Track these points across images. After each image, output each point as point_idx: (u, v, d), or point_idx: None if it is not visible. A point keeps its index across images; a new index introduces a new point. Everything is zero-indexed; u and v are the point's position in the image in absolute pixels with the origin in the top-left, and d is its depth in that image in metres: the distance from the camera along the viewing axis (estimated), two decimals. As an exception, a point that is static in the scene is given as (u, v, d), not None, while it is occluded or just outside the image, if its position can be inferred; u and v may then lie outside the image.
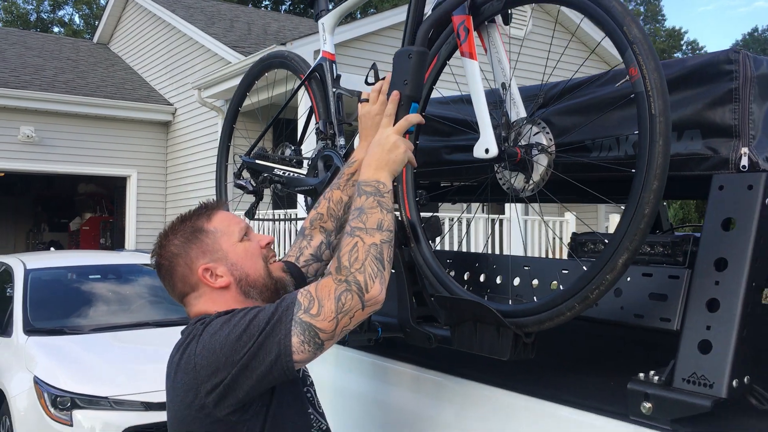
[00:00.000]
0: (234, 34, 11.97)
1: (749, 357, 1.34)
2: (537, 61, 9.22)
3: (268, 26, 13.16)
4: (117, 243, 13.13)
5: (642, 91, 1.24)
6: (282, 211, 8.27)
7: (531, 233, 10.06)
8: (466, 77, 1.54)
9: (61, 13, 32.43)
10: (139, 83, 13.33)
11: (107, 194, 15.30)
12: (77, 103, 11.47)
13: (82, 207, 16.45)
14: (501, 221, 9.99)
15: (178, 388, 1.46)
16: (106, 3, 15.78)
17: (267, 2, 31.82)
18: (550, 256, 9.28)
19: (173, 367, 1.49)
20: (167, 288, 1.63)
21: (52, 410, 4.45)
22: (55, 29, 31.60)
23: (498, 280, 1.81)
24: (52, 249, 11.78)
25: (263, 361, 1.37)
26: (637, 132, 1.28)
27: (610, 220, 11.32)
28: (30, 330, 5.29)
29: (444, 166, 2.02)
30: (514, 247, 9.20)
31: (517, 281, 1.77)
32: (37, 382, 4.58)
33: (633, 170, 1.28)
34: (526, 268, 1.74)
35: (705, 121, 1.47)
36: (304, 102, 2.08)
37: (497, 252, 9.73)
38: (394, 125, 1.54)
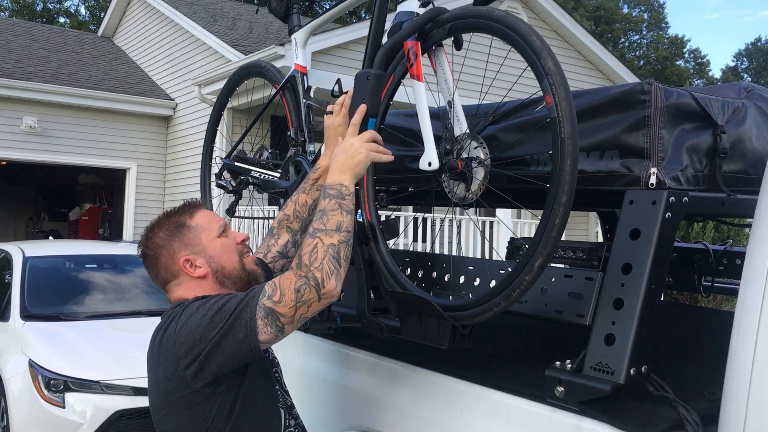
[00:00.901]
0: (236, 32, 12.16)
1: (647, 349, 1.54)
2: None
3: (270, 25, 13.35)
4: (115, 234, 13.32)
5: (555, 117, 1.44)
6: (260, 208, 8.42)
7: (520, 235, 10.25)
8: (414, 97, 1.75)
9: (67, 3, 32.69)
10: (141, 77, 13.52)
11: (107, 186, 15.49)
12: (80, 96, 11.65)
13: (82, 197, 16.64)
14: (491, 223, 10.20)
15: (160, 363, 1.67)
16: (112, -3, 15.97)
17: None
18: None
19: (155, 346, 1.70)
20: (151, 275, 1.84)
21: (45, 392, 4.65)
22: (61, 19, 31.77)
23: (446, 278, 2.02)
24: (50, 238, 11.97)
25: (233, 340, 1.59)
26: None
27: (599, 225, 11.50)
28: (27, 315, 5.49)
29: (406, 173, 2.22)
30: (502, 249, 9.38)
31: (462, 279, 1.97)
32: (32, 365, 4.77)
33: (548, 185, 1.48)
34: (470, 267, 1.94)
35: (622, 143, 1.67)
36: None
37: (487, 253, 9.93)
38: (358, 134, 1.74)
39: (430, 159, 1.71)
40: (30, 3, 31.36)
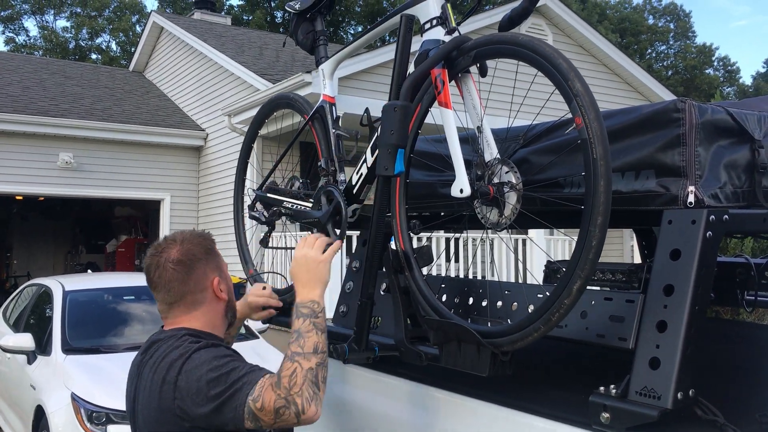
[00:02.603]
0: (263, 61, 12.34)
1: (694, 371, 1.50)
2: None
3: (296, 53, 13.51)
4: (151, 264, 13.49)
5: (585, 138, 1.43)
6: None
7: (554, 253, 10.16)
8: (443, 124, 1.75)
9: (98, 40, 33.44)
10: (172, 109, 13.78)
11: (142, 217, 15.76)
12: (114, 130, 11.92)
13: (118, 229, 16.95)
14: (524, 241, 10.11)
15: (159, 390, 1.69)
16: (142, 32, 16.36)
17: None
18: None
19: (161, 376, 1.70)
20: (175, 281, 1.80)
21: (88, 425, 4.70)
22: (93, 56, 32.58)
23: (483, 303, 2.00)
24: (89, 271, 12.18)
25: (227, 412, 1.63)
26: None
27: (634, 240, 11.34)
28: (68, 349, 5.58)
29: (439, 199, 2.22)
30: (536, 266, 9.30)
31: (499, 304, 1.95)
32: (75, 399, 4.84)
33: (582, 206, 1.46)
34: (507, 292, 1.92)
35: (658, 162, 1.65)
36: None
37: (521, 272, 9.84)
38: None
39: (461, 186, 1.70)
40: (62, 41, 32.25)
